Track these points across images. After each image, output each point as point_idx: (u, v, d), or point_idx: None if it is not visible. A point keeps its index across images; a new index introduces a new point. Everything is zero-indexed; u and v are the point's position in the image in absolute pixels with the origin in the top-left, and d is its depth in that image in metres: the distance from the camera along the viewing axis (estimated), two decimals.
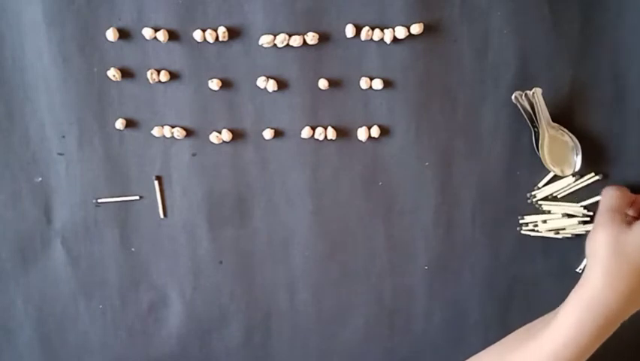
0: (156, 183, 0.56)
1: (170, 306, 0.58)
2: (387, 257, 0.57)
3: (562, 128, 0.55)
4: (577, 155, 0.55)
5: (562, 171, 0.55)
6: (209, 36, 0.53)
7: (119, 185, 0.56)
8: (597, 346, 0.47)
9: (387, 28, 0.53)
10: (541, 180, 0.56)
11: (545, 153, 0.55)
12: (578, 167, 0.55)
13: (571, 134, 0.55)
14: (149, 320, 0.58)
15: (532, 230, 0.57)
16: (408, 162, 0.56)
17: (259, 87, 0.54)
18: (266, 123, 0.55)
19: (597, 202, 0.55)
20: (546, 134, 0.54)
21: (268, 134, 0.55)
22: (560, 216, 0.57)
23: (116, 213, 0.56)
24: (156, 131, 0.55)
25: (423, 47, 0.54)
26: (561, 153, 0.55)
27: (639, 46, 0.54)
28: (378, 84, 0.54)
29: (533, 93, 0.54)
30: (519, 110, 0.54)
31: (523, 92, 0.54)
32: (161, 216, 0.56)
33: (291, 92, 0.55)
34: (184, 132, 0.55)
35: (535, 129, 0.55)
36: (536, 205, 0.57)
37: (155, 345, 0.58)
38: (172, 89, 0.54)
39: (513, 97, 0.54)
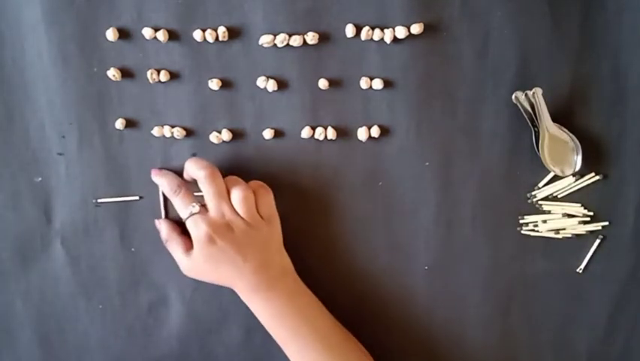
0: None
1: (170, 306, 0.57)
2: (387, 257, 0.57)
3: (562, 128, 0.55)
4: (577, 155, 0.55)
5: (562, 171, 0.55)
6: (209, 36, 0.53)
7: (119, 185, 0.56)
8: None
9: (388, 28, 0.53)
10: (542, 180, 0.56)
11: (545, 153, 0.55)
12: (578, 167, 0.55)
13: (571, 134, 0.55)
14: (149, 320, 0.58)
15: (532, 230, 0.57)
16: (408, 162, 0.56)
17: (259, 87, 0.54)
18: (266, 123, 0.55)
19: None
20: (546, 134, 0.54)
21: (268, 134, 0.55)
22: (560, 216, 0.57)
23: (116, 213, 0.56)
24: (156, 131, 0.55)
25: (423, 47, 0.54)
26: (561, 153, 0.55)
27: (639, 46, 0.55)
28: (378, 84, 0.54)
29: (533, 93, 0.54)
30: (519, 110, 0.54)
31: (523, 92, 0.54)
32: (162, 216, 0.56)
33: (291, 92, 0.55)
34: (184, 132, 0.55)
35: (536, 129, 0.55)
36: (536, 205, 0.57)
37: (155, 345, 0.58)
38: (172, 89, 0.54)
39: (513, 97, 0.54)
